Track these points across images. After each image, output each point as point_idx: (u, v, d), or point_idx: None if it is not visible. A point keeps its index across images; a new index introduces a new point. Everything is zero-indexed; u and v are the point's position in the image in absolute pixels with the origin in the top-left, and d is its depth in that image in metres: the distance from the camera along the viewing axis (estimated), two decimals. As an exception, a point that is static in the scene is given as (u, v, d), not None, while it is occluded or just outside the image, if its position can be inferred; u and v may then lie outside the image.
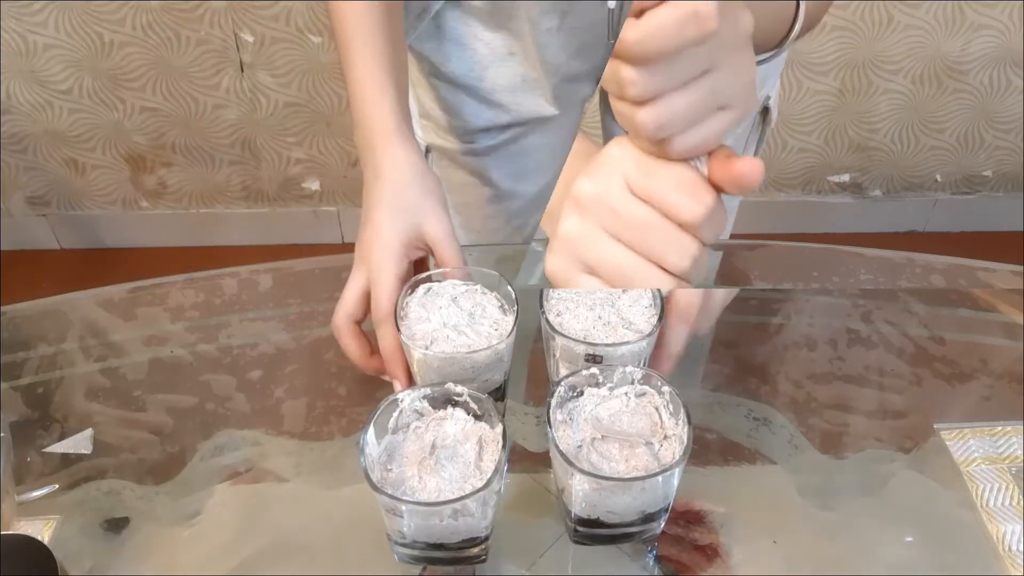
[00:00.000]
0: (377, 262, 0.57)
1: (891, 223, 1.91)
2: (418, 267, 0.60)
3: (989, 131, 1.81)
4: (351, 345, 0.58)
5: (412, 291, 0.60)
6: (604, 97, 0.86)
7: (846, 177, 1.90)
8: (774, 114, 0.86)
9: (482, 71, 0.74)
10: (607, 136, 0.90)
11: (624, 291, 0.60)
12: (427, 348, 0.56)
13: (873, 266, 0.76)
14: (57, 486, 0.58)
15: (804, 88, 1.74)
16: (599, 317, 0.58)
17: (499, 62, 0.74)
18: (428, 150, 0.81)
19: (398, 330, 0.56)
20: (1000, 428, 0.61)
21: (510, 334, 0.56)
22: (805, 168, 1.89)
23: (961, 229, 1.88)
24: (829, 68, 1.70)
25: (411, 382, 0.57)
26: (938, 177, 1.84)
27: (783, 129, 1.80)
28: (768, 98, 0.83)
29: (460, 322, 0.58)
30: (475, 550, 0.52)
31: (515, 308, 0.59)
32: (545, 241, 0.90)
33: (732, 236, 0.80)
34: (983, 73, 1.71)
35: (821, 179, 1.91)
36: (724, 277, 0.76)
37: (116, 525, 0.56)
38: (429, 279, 0.61)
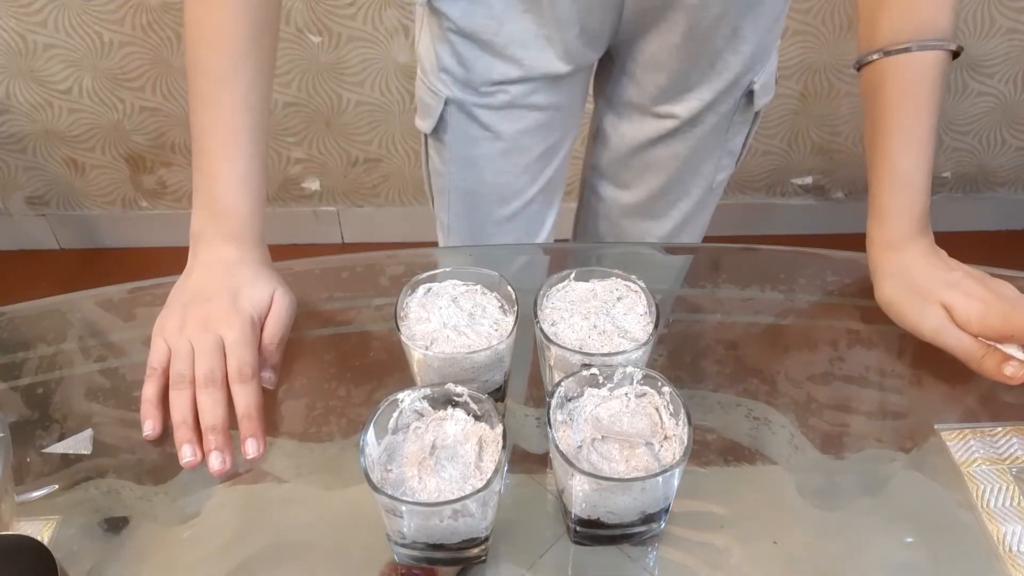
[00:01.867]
0: (244, 322, 0.61)
1: (853, 224, 1.94)
2: None
3: (947, 133, 1.83)
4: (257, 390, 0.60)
5: (412, 291, 0.60)
6: (604, 68, 0.88)
7: (809, 179, 1.91)
8: (759, 102, 0.87)
9: (498, 26, 0.77)
10: (602, 103, 0.92)
11: (619, 299, 0.60)
12: (427, 348, 0.56)
13: (839, 267, 0.76)
14: (57, 486, 0.58)
15: (766, 92, 1.75)
16: (594, 326, 0.58)
17: (514, 17, 0.76)
18: (447, 103, 0.83)
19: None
20: (1000, 428, 0.61)
21: (510, 334, 0.56)
22: (768, 170, 1.90)
23: (921, 230, 1.91)
24: (791, 72, 1.71)
25: (263, 446, 0.58)
26: (897, 179, 1.87)
27: (747, 132, 1.82)
28: (752, 82, 0.84)
29: (460, 322, 0.58)
30: (475, 550, 0.52)
31: (515, 308, 0.59)
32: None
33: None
34: (939, 76, 1.72)
35: (784, 181, 1.92)
36: (691, 279, 0.76)
37: (116, 525, 0.56)
38: (429, 279, 0.61)
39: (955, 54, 0.67)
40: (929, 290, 0.64)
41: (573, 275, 0.61)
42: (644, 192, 0.94)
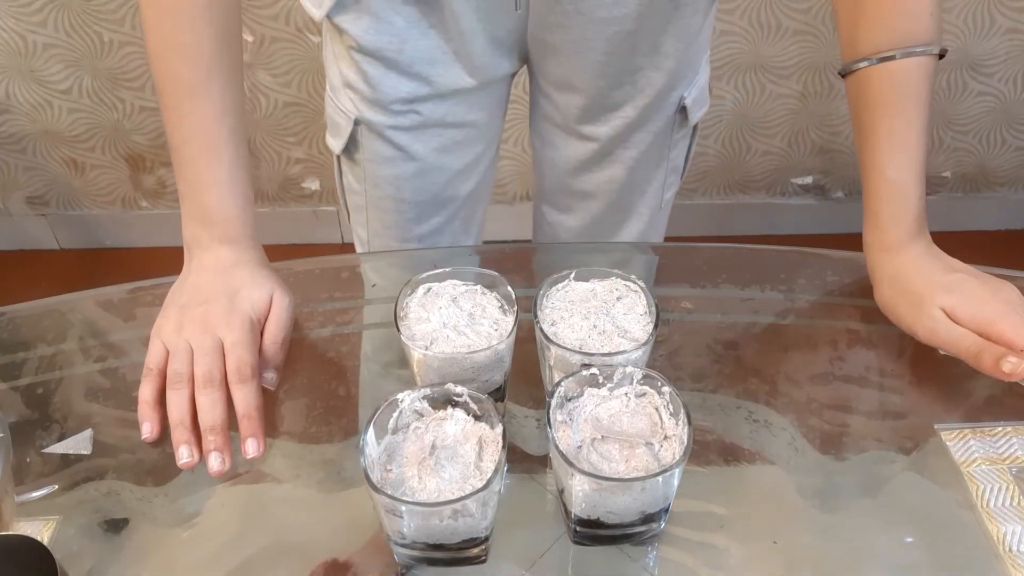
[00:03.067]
0: (243, 323, 0.61)
1: (854, 224, 1.93)
2: None
3: (948, 133, 1.83)
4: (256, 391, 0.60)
5: (412, 291, 0.60)
6: (530, 90, 0.87)
7: (809, 179, 1.91)
8: (693, 116, 0.86)
9: (401, 44, 0.75)
10: (531, 127, 0.90)
11: (619, 299, 0.60)
12: (427, 348, 0.56)
13: (839, 267, 0.76)
14: (57, 486, 0.58)
15: (767, 92, 1.75)
16: (594, 326, 0.58)
17: (418, 34, 0.74)
18: (357, 123, 0.81)
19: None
20: (1000, 428, 0.61)
21: (510, 334, 0.56)
22: (768, 171, 1.90)
23: (922, 229, 1.91)
24: (791, 72, 1.71)
25: (263, 447, 0.57)
26: (898, 178, 1.87)
27: (747, 132, 1.82)
28: (683, 98, 0.83)
29: (460, 322, 0.58)
30: (475, 550, 0.52)
31: (515, 308, 0.59)
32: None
33: (696, 239, 0.82)
34: (940, 76, 1.73)
35: (784, 181, 1.92)
36: (691, 279, 0.76)
37: (116, 526, 0.56)
38: (429, 279, 0.61)
39: (940, 55, 0.66)
40: (925, 293, 0.64)
41: (573, 275, 0.61)
42: (587, 216, 0.92)
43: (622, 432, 0.51)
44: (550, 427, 0.50)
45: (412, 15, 0.73)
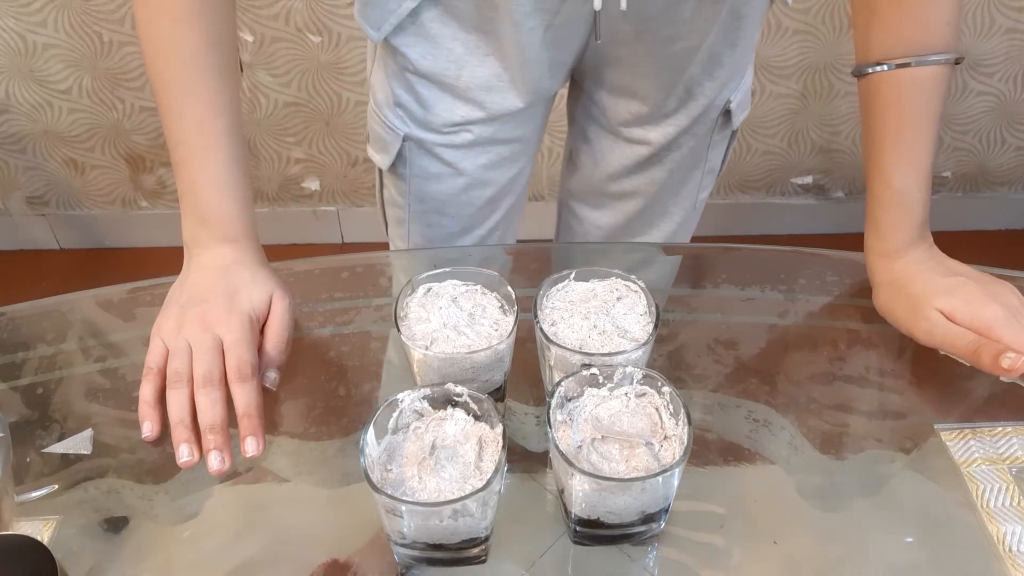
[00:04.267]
0: (243, 322, 0.61)
1: (853, 224, 1.96)
2: None
3: (947, 133, 1.83)
4: (258, 390, 0.60)
5: (412, 291, 0.60)
6: (573, 91, 0.87)
7: (809, 179, 1.92)
8: (736, 120, 0.86)
9: (458, 70, 0.75)
10: (573, 128, 0.91)
11: (619, 299, 0.60)
12: (427, 348, 0.56)
13: (839, 268, 0.76)
14: (57, 486, 0.58)
15: (767, 91, 1.75)
16: (594, 326, 0.58)
17: (476, 62, 0.74)
18: (405, 139, 0.81)
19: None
20: (1000, 428, 0.61)
21: (510, 334, 0.56)
22: (768, 170, 1.90)
23: (922, 229, 1.92)
24: (791, 72, 1.71)
25: (263, 446, 0.57)
26: (898, 178, 1.88)
27: (747, 132, 1.82)
28: (729, 101, 0.83)
29: (460, 322, 0.58)
30: (475, 550, 0.52)
31: (515, 308, 0.59)
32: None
33: (696, 239, 0.82)
34: (939, 77, 1.73)
35: (784, 181, 1.92)
36: (691, 280, 0.76)
37: (116, 525, 0.56)
38: (429, 279, 0.61)
39: (956, 61, 0.65)
40: (923, 296, 0.64)
41: (573, 275, 0.61)
42: (622, 215, 0.92)
43: (622, 432, 0.51)
44: (550, 427, 0.50)
45: (471, 42, 0.73)
